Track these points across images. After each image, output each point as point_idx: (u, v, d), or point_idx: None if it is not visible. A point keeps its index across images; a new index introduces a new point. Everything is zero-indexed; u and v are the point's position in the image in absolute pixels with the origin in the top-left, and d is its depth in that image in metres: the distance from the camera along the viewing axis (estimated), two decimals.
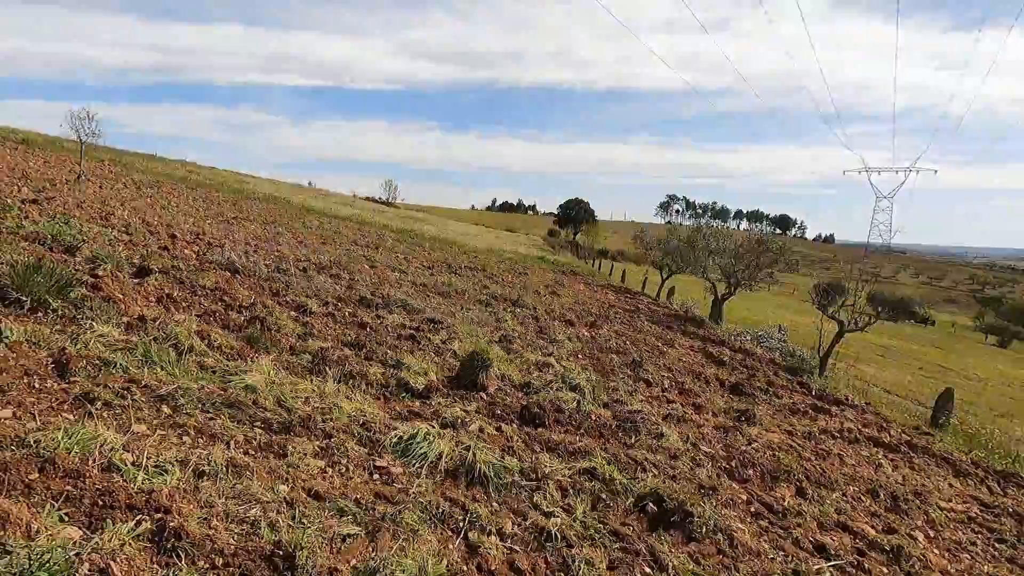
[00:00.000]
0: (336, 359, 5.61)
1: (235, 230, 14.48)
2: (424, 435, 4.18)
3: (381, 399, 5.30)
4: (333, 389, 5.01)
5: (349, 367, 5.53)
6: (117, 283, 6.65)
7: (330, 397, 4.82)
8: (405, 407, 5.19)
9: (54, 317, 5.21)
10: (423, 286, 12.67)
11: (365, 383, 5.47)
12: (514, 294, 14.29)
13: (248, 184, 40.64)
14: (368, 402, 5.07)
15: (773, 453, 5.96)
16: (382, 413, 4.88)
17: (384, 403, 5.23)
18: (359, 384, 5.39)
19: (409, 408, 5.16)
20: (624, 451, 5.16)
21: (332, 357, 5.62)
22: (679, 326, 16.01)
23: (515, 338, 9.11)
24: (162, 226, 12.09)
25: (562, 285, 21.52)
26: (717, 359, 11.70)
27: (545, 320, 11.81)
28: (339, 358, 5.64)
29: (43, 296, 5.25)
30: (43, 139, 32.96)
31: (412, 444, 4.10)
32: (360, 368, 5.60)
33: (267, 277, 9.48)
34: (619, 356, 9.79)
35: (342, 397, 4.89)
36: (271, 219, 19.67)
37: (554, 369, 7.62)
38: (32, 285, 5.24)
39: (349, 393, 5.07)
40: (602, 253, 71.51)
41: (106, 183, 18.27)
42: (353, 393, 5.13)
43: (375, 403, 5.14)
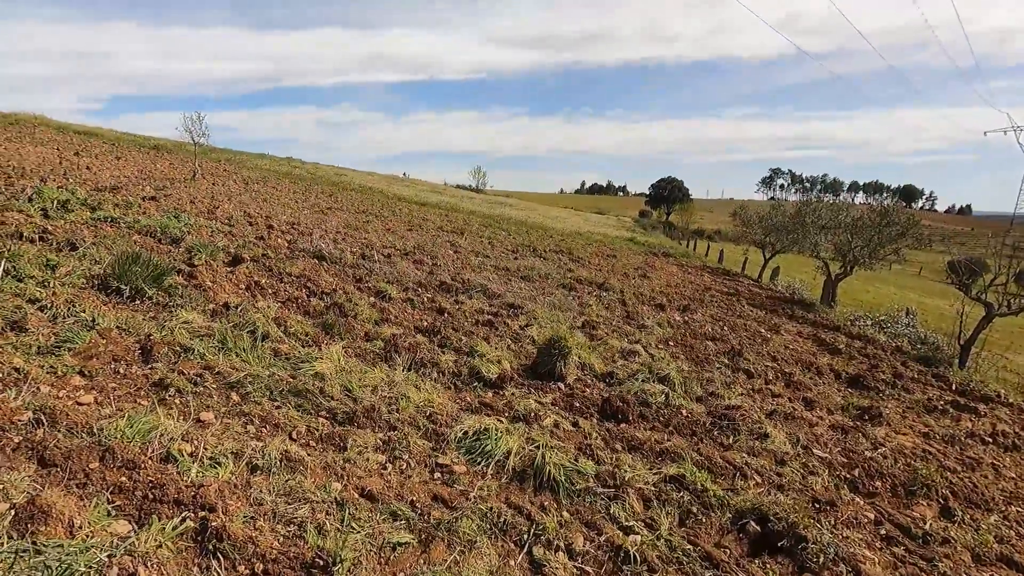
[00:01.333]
0: (408, 346, 5.44)
1: (328, 219, 15.05)
2: (492, 431, 3.85)
3: (452, 389, 5.05)
4: (402, 378, 4.83)
5: (420, 355, 5.34)
6: (211, 272, 6.95)
7: (398, 386, 4.63)
8: (476, 398, 4.91)
9: (149, 304, 5.47)
10: (505, 270, 12.42)
11: (436, 371, 5.25)
12: (600, 277, 13.65)
13: (345, 177, 42.74)
14: (438, 392, 4.83)
15: (906, 460, 5.02)
16: (451, 404, 4.62)
17: (455, 393, 4.97)
18: (430, 373, 5.18)
19: (480, 399, 4.86)
20: (720, 453, 4.53)
21: (404, 344, 5.45)
22: (785, 310, 14.56)
23: (599, 324, 8.57)
24: (261, 217, 12.78)
25: (652, 267, 20.45)
26: (831, 347, 10.41)
27: (633, 304, 11.12)
28: (411, 345, 5.46)
29: (140, 285, 5.52)
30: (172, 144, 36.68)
31: (479, 440, 3.79)
32: (432, 356, 5.38)
33: (352, 264, 9.64)
34: (715, 344, 8.94)
35: (410, 386, 4.68)
36: (362, 208, 20.37)
37: (641, 358, 7.02)
38: (130, 275, 5.53)
39: (418, 382, 4.87)
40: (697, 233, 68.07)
41: (219, 180, 19.80)
42: (423, 382, 4.92)
43: (445, 393, 4.90)
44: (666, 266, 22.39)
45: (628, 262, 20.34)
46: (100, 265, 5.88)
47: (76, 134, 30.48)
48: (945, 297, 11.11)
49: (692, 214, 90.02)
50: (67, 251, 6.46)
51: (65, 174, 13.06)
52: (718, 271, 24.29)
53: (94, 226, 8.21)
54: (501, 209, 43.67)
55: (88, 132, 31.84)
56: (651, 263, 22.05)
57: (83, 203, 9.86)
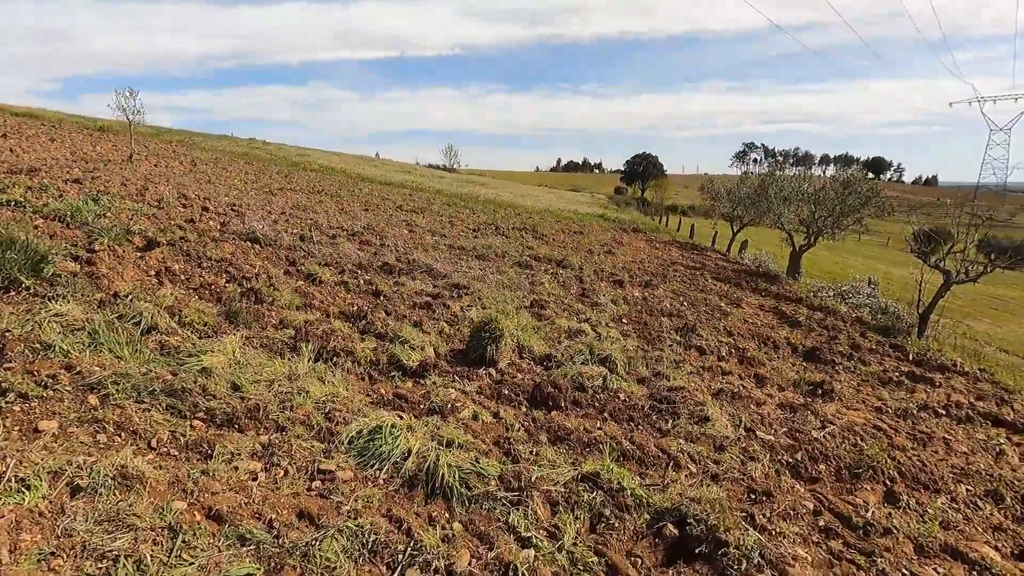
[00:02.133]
0: (322, 333, 4.93)
1: (275, 200, 14.28)
2: (389, 428, 3.40)
3: (365, 380, 4.58)
4: (306, 370, 4.34)
5: (335, 343, 4.84)
6: (114, 258, 6.31)
7: (300, 380, 4.14)
8: (391, 389, 4.45)
9: (24, 296, 4.85)
10: (460, 249, 11.91)
11: (351, 361, 4.77)
12: (561, 255, 13.24)
13: (308, 157, 41.34)
14: (348, 384, 4.36)
15: (855, 439, 4.74)
16: (360, 397, 4.15)
17: (368, 385, 4.51)
18: (343, 363, 4.70)
19: (396, 391, 4.40)
20: (655, 441, 4.16)
21: (318, 331, 4.95)
22: (749, 283, 14.37)
23: (549, 303, 8.16)
24: (198, 199, 11.99)
25: (620, 243, 20.12)
26: (791, 319, 10.20)
27: (591, 282, 10.73)
28: (326, 332, 4.96)
29: (13, 274, 4.89)
30: (120, 126, 34.86)
31: (373, 441, 3.34)
32: (348, 344, 4.89)
33: (288, 246, 9.02)
34: (671, 320, 8.61)
35: (314, 379, 4.20)
36: (318, 189, 19.52)
37: (587, 338, 6.63)
38: (2, 263, 4.89)
39: (326, 374, 4.39)
40: (671, 209, 68.26)
41: (162, 161, 18.73)
42: (332, 374, 4.44)
43: (357, 385, 4.43)
44: (634, 242, 22.08)
45: (595, 239, 19.96)
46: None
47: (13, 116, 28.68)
48: (912, 266, 11.03)
49: (666, 190, 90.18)
50: None
51: None
52: (687, 246, 24.09)
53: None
54: (471, 188, 42.84)
55: (27, 114, 30.02)
56: (619, 239, 21.71)
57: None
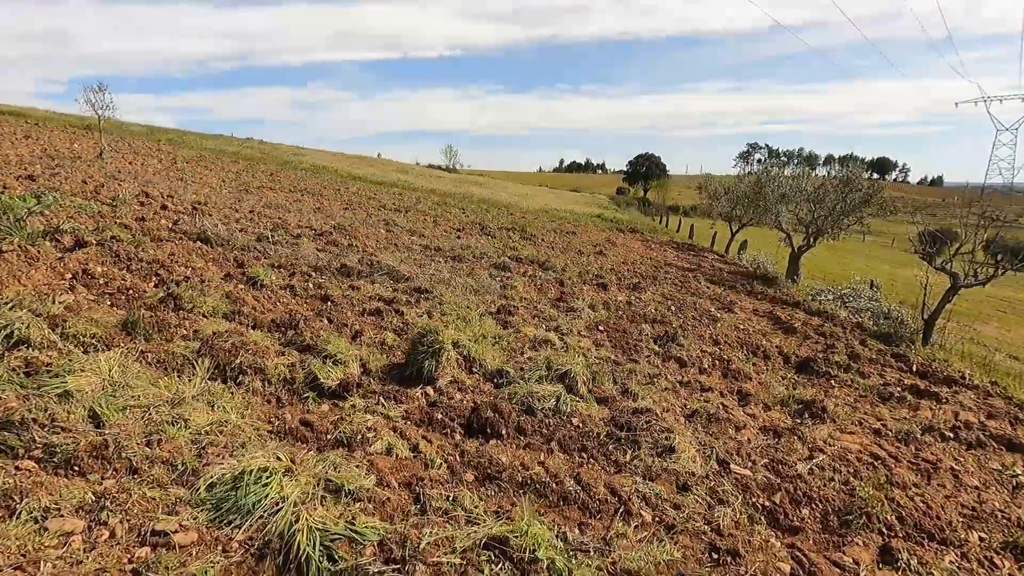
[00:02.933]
0: (231, 347, 4.28)
1: (248, 199, 13.65)
2: (259, 471, 2.74)
3: (272, 403, 3.93)
4: (197, 391, 3.69)
5: (243, 358, 4.18)
6: (24, 259, 5.68)
7: (186, 405, 3.49)
8: (300, 415, 3.79)
9: None
10: (436, 250, 11.25)
11: (261, 379, 4.12)
12: (544, 256, 12.57)
13: (303, 156, 40.80)
14: (250, 408, 3.71)
15: (847, 473, 4.05)
16: (256, 426, 3.50)
17: (274, 408, 3.85)
18: (250, 382, 4.05)
19: (304, 416, 3.74)
20: (607, 478, 3.49)
21: (225, 345, 4.29)
22: (745, 286, 13.66)
23: (519, 308, 7.49)
24: (162, 197, 11.37)
25: (613, 244, 19.44)
26: (786, 325, 9.50)
27: (572, 285, 10.06)
28: (235, 345, 4.30)
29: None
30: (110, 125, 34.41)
31: (238, 487, 2.68)
32: (258, 359, 4.23)
33: (242, 246, 8.39)
34: (653, 327, 7.93)
35: (202, 404, 3.55)
36: (301, 188, 18.91)
37: (552, 348, 5.96)
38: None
39: (223, 396, 3.73)
40: (672, 209, 67.63)
41: (140, 159, 18.15)
42: (231, 396, 3.79)
43: (260, 409, 3.78)
44: (629, 242, 21.39)
45: (588, 239, 19.29)
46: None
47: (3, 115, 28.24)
48: (917, 267, 10.37)
49: (668, 190, 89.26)
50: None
51: None
52: (684, 246, 23.38)
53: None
54: (468, 188, 42.24)
55: (13, 112, 29.56)
56: (613, 239, 21.03)
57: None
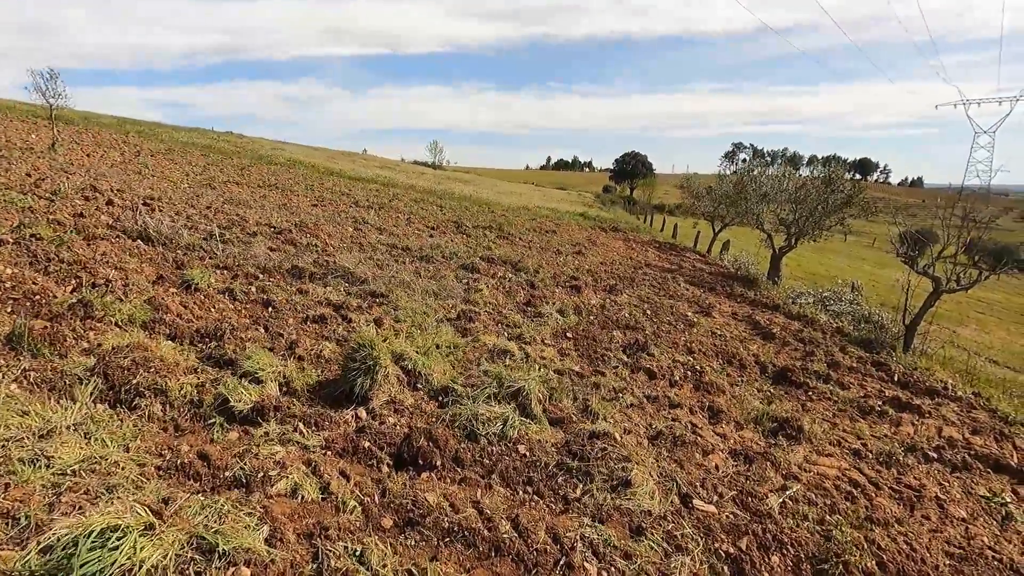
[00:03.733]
0: (129, 364, 3.75)
1: (208, 195, 13.00)
2: (107, 532, 2.23)
3: (169, 431, 3.41)
4: (78, 419, 3.16)
5: (142, 377, 3.66)
6: None
7: (58, 436, 2.97)
8: (201, 445, 3.28)
9: None
10: (404, 250, 10.73)
11: (162, 402, 3.60)
12: (518, 256, 12.10)
13: (282, 151, 39.90)
14: (138, 439, 3.19)
15: (824, 507, 3.64)
16: (143, 461, 2.98)
17: (171, 438, 3.34)
18: (148, 406, 3.53)
19: (204, 448, 3.23)
20: (550, 520, 3.04)
21: (123, 362, 3.75)
22: (725, 288, 13.33)
23: (480, 314, 7.01)
24: (111, 191, 10.71)
25: (594, 243, 19.05)
26: (765, 331, 9.14)
27: (544, 287, 9.60)
28: (135, 362, 3.77)
29: None
30: (79, 116, 33.24)
31: (73, 557, 2.17)
32: (160, 379, 3.70)
33: (187, 246, 7.81)
34: (626, 333, 7.51)
35: (78, 435, 3.03)
36: (271, 183, 18.22)
37: (511, 359, 5.50)
38: None
39: (109, 425, 3.21)
40: (658, 208, 67.67)
41: (101, 151, 17.34)
42: (120, 423, 3.27)
43: (154, 440, 3.26)
44: (610, 242, 21.01)
45: (567, 238, 18.86)
46: None
47: None
48: (899, 268, 10.12)
49: (654, 189, 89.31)
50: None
51: None
52: (666, 246, 23.07)
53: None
54: (451, 185, 41.65)
55: None
56: (594, 239, 20.63)
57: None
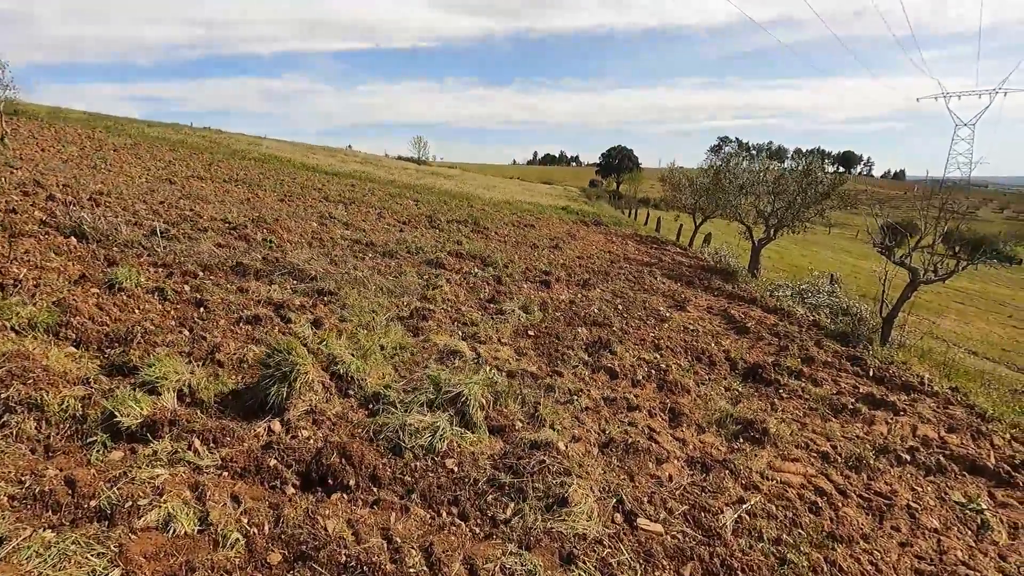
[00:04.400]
0: (4, 374, 3.30)
1: (165, 190, 12.43)
2: None
3: (38, 451, 2.98)
4: None
5: (14, 391, 3.21)
6: None
7: None
8: (73, 468, 2.86)
9: None
10: (368, 245, 10.28)
11: (37, 419, 3.16)
12: (489, 250, 11.70)
13: (259, 146, 39.03)
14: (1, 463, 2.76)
15: (784, 522, 3.30)
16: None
17: (39, 460, 2.91)
18: (21, 423, 3.09)
19: (71, 473, 2.80)
20: (468, 547, 2.66)
21: None
22: (703, 281, 13.04)
23: (436, 312, 6.61)
24: (56, 186, 10.14)
25: (573, 237, 18.71)
26: (739, 325, 8.84)
27: (511, 283, 9.22)
28: (9, 373, 3.32)
29: None
30: (45, 111, 32.21)
31: None
32: (38, 393, 3.26)
33: (125, 242, 7.31)
34: (592, 330, 7.15)
35: None
36: (238, 178, 17.63)
37: (461, 360, 5.11)
38: None
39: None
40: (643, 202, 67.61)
41: (58, 146, 16.63)
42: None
43: (18, 462, 2.83)
44: (590, 235, 20.68)
45: (546, 232, 18.50)
46: None
47: None
48: (881, 259, 9.91)
49: (640, 183, 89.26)
50: None
51: None
52: (647, 239, 22.80)
53: None
54: (433, 180, 41.11)
55: None
56: (574, 232, 20.31)
57: None
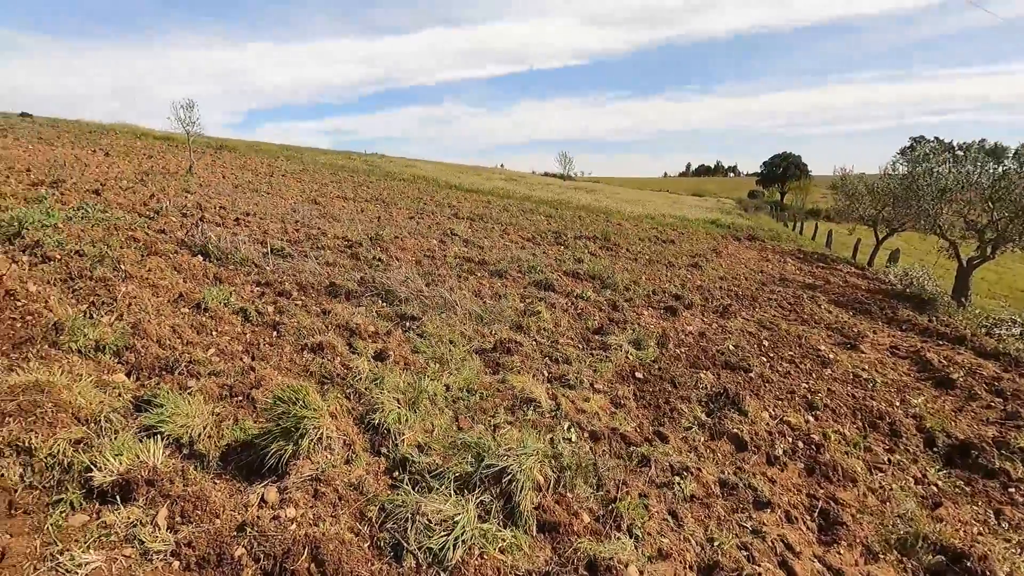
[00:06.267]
0: (10, 410, 3.07)
1: (307, 210, 13.26)
2: None
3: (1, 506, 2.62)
4: None
5: (5, 432, 2.95)
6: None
7: None
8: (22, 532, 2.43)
9: None
10: (479, 264, 9.74)
11: (23, 464, 2.84)
12: (612, 270, 10.49)
13: (413, 168, 41.90)
14: None
15: None
16: None
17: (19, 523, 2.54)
18: (3, 468, 2.79)
19: (8, 543, 2.37)
20: None
21: (5, 407, 3.09)
22: (886, 310, 10.40)
23: (525, 345, 5.68)
24: (213, 208, 11.22)
25: (719, 254, 16.60)
26: (939, 375, 6.57)
27: (629, 309, 7.96)
28: (17, 408, 3.09)
29: None
30: (245, 145, 37.95)
31: None
32: (30, 436, 2.96)
33: (241, 261, 7.56)
34: (722, 374, 5.67)
35: None
36: (379, 197, 18.54)
37: (536, 411, 4.12)
38: None
39: None
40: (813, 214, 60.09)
41: (229, 173, 18.98)
42: None
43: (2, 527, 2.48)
44: (740, 252, 18.24)
45: (686, 248, 16.63)
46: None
47: (156, 139, 32.10)
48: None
49: (808, 192, 79.68)
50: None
51: (28, 169, 12.45)
52: (812, 257, 19.53)
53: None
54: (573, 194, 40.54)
55: (166, 137, 33.49)
56: (720, 249, 18.05)
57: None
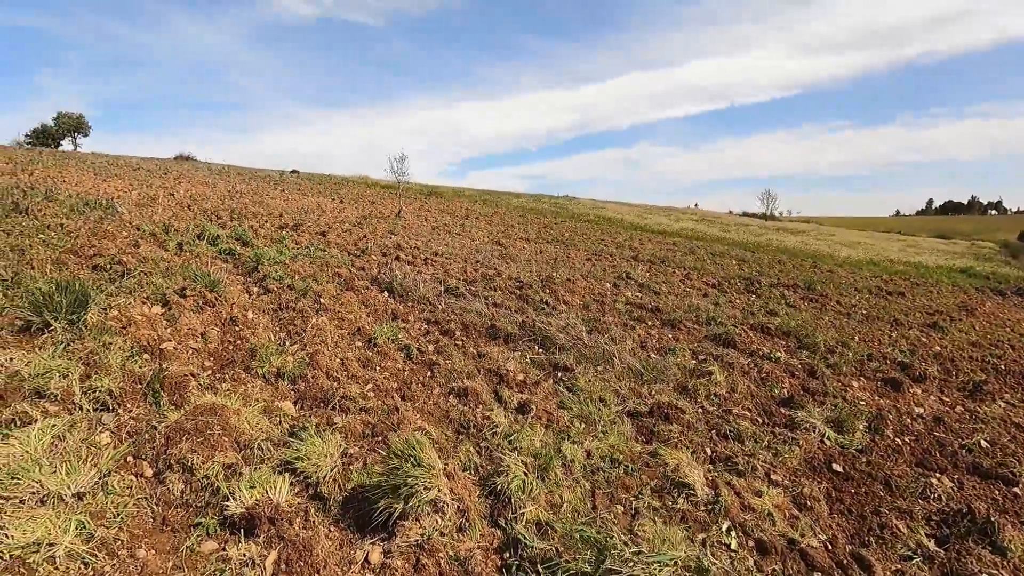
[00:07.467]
0: (190, 428, 3.48)
1: (489, 250, 13.97)
2: None
3: (158, 520, 2.89)
4: (88, 483, 2.93)
5: (177, 449, 3.31)
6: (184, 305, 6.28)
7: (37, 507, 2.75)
8: (162, 550, 2.64)
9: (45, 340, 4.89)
10: (653, 311, 9.05)
11: (185, 481, 3.16)
12: (812, 326, 8.87)
13: (600, 210, 42.26)
14: (117, 525, 2.77)
15: None
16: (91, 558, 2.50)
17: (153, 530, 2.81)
18: (172, 481, 3.13)
19: (147, 559, 2.58)
20: None
21: (185, 425, 3.51)
22: None
23: (686, 413, 4.90)
24: (408, 248, 12.45)
25: (971, 313, 13.19)
26: None
27: (832, 376, 6.53)
28: (195, 428, 3.48)
29: (48, 319, 5.02)
30: (451, 191, 42.41)
31: None
32: (191, 456, 3.29)
33: (419, 298, 8.10)
34: (967, 482, 4.18)
35: (56, 509, 2.75)
36: (560, 238, 18.83)
37: (688, 499, 3.42)
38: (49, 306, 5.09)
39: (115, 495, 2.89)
40: None
41: (431, 216, 21.08)
42: (129, 498, 2.93)
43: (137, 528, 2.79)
44: (1004, 311, 14.25)
45: (922, 303, 13.53)
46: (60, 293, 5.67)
47: (382, 188, 37.67)
48: None
49: None
50: (117, 279, 6.61)
51: (281, 214, 15.33)
52: None
53: (196, 257, 8.68)
54: (776, 236, 36.68)
55: (388, 186, 39.07)
56: (973, 305, 14.30)
57: (236, 237, 10.91)
